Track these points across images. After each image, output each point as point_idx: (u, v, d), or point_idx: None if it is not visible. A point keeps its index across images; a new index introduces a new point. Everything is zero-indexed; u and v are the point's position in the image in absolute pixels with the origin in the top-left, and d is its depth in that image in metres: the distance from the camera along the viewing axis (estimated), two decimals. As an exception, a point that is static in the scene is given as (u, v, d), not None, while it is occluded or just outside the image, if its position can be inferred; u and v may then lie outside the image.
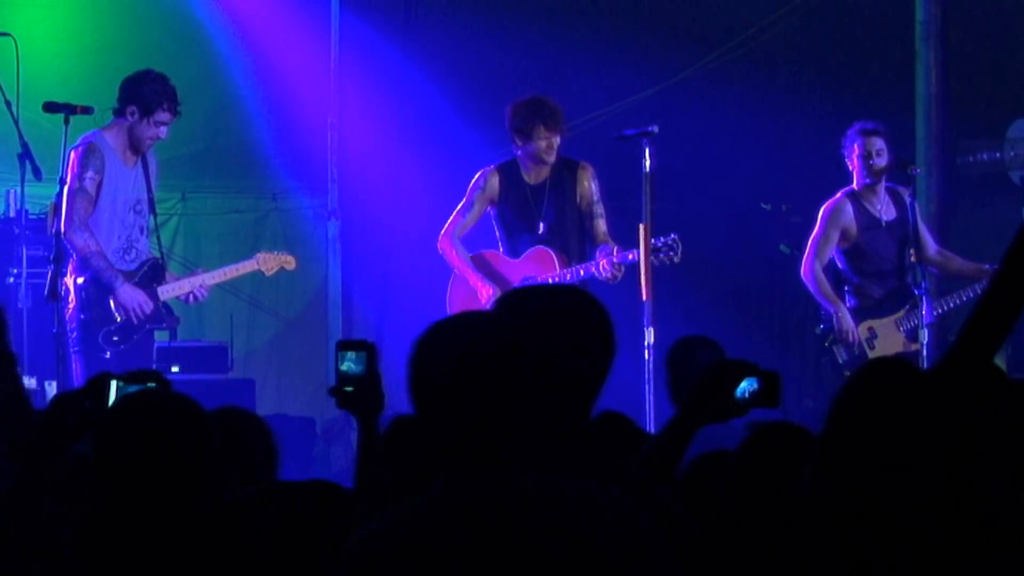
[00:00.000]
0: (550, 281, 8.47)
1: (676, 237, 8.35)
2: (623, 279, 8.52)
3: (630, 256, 8.31)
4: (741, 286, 11.19)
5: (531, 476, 2.71)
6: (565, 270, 8.52)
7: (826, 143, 10.85)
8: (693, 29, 11.50)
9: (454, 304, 8.87)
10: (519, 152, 8.68)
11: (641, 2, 11.63)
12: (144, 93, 8.19)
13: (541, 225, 8.64)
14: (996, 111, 11.07)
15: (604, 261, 8.37)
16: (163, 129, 8.27)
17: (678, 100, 10.95)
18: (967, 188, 10.93)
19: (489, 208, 8.78)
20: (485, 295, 8.66)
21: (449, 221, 8.83)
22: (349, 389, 3.86)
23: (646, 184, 8.36)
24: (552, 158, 8.61)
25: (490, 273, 8.74)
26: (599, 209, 8.68)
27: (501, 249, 8.83)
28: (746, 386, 3.64)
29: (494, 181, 8.72)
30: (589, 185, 8.67)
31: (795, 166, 11.12)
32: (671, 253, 8.33)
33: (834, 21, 11.38)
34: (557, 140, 8.58)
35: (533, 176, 8.67)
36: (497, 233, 8.85)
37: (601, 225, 8.64)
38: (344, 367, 3.87)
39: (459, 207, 8.82)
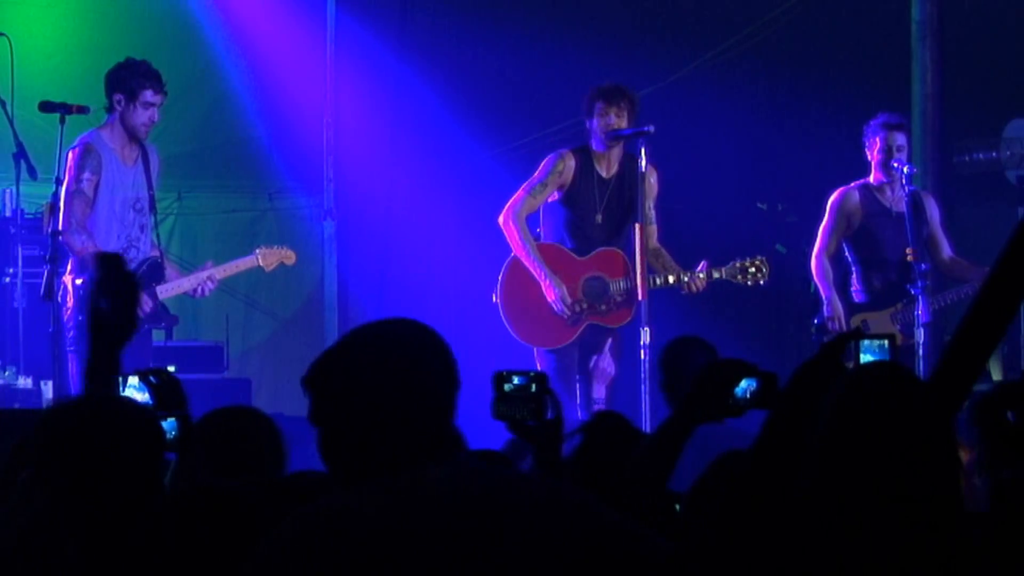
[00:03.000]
0: (621, 285, 8.39)
1: (764, 258, 8.42)
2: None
3: (715, 275, 8.38)
4: (737, 286, 11.18)
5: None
6: (632, 276, 8.27)
7: (822, 142, 10.87)
8: (688, 29, 11.50)
9: (507, 291, 8.46)
10: (591, 139, 8.45)
11: (636, 2, 11.63)
12: (125, 78, 8.18)
13: (600, 217, 8.49)
14: (992, 110, 11.07)
15: (700, 277, 8.34)
16: (154, 111, 8.23)
17: (674, 100, 10.95)
18: (963, 187, 10.93)
19: (556, 191, 8.46)
20: (551, 295, 8.34)
21: (514, 199, 8.43)
22: None
23: (642, 184, 8.36)
24: (610, 141, 8.35)
25: (552, 269, 8.43)
26: (653, 214, 8.49)
27: (542, 232, 8.53)
28: (746, 386, 3.64)
29: (570, 164, 8.42)
30: (655, 185, 8.48)
31: (791, 165, 11.12)
32: (758, 275, 8.43)
33: (830, 20, 11.39)
34: (613, 120, 8.35)
35: (604, 168, 8.45)
36: (551, 216, 8.51)
37: (654, 232, 8.46)
38: None
39: (527, 185, 8.43)
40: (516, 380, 3.90)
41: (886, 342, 3.25)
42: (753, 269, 8.49)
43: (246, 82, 11.26)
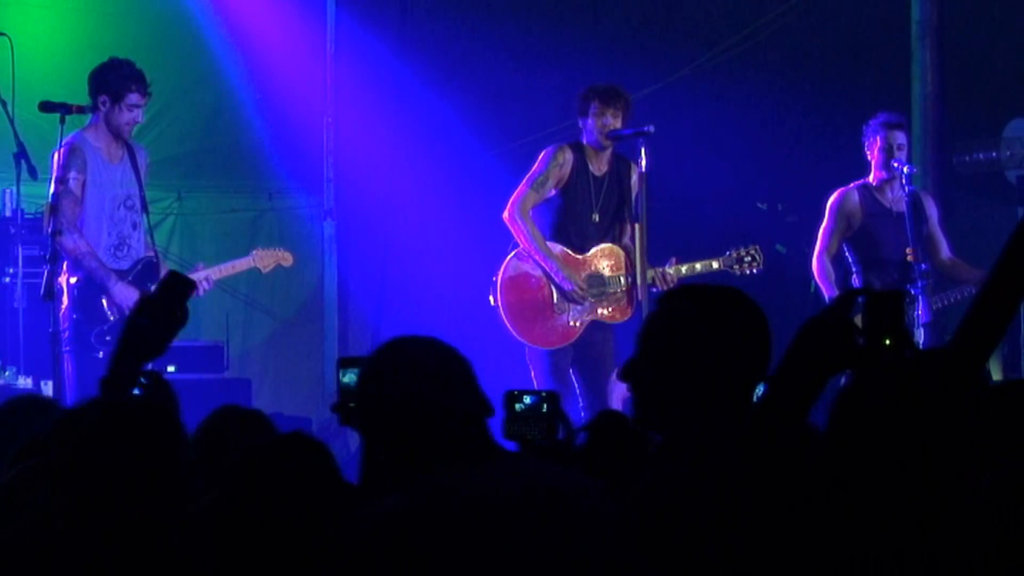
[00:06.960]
0: (621, 281, 8.37)
1: (757, 247, 8.47)
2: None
3: (715, 265, 8.42)
4: (737, 286, 11.20)
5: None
6: (631, 272, 8.29)
7: (822, 143, 10.87)
8: (688, 29, 11.50)
9: (507, 292, 8.40)
10: (583, 136, 8.45)
11: (636, 2, 11.63)
12: (111, 80, 8.18)
13: (596, 216, 8.50)
14: (992, 111, 11.07)
15: (670, 273, 8.35)
16: (138, 112, 8.24)
17: (674, 100, 10.95)
18: (963, 187, 10.93)
19: (554, 187, 8.43)
20: (567, 285, 8.29)
21: (517, 193, 8.40)
22: (352, 405, 3.88)
23: (641, 184, 8.36)
24: (606, 141, 8.36)
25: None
26: (633, 212, 8.50)
27: (548, 232, 8.48)
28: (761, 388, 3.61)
29: (568, 157, 8.41)
30: (637, 183, 8.45)
31: (791, 165, 11.12)
32: (753, 263, 8.47)
33: (830, 21, 11.39)
34: (610, 120, 8.34)
35: (596, 166, 8.46)
36: (544, 217, 8.48)
37: (636, 229, 8.41)
38: (346, 381, 3.88)
39: (528, 179, 8.42)
40: (528, 400, 3.90)
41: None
42: (749, 258, 8.58)
43: (246, 82, 11.26)
